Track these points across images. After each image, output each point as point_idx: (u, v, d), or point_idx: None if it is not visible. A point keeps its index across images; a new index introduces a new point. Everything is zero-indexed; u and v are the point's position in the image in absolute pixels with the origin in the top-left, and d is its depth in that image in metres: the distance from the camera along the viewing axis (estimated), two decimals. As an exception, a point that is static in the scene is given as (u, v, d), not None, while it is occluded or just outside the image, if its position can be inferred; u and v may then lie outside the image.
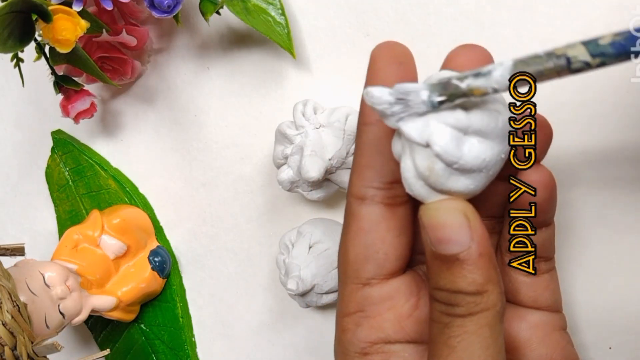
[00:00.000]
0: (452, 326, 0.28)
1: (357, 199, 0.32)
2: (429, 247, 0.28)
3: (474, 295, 0.27)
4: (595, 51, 0.24)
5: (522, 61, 0.25)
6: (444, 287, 0.28)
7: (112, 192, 0.51)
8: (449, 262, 0.27)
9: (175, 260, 0.51)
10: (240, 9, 0.43)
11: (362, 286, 0.32)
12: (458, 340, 0.27)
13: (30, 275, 0.41)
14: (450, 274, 0.27)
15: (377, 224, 0.31)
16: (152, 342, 0.51)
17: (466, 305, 0.27)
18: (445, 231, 0.27)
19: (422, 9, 0.42)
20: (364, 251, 0.32)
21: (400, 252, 0.32)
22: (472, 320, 0.27)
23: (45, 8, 0.38)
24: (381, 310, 0.32)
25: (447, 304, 0.28)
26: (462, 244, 0.27)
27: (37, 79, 0.49)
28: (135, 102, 0.51)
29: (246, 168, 0.48)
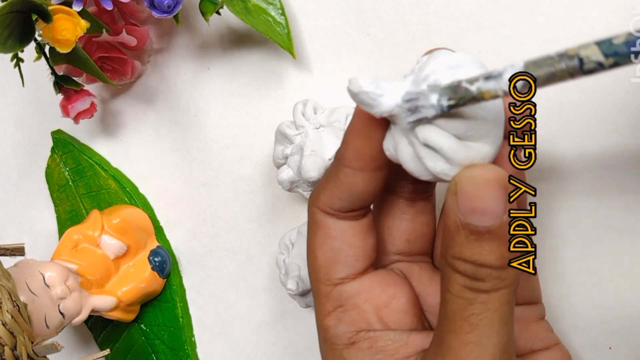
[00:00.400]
0: (475, 302, 0.27)
1: (321, 211, 0.32)
2: (453, 217, 0.27)
3: (499, 270, 0.27)
4: (609, 51, 0.23)
5: (534, 62, 0.24)
6: (470, 259, 0.27)
7: (112, 192, 0.51)
8: (478, 233, 0.26)
9: (175, 260, 0.51)
10: (240, 9, 0.43)
11: (334, 286, 0.33)
12: (480, 318, 0.27)
13: (30, 275, 0.41)
14: (478, 246, 0.27)
15: (343, 231, 0.32)
16: (152, 342, 0.51)
17: (492, 280, 0.27)
18: (481, 202, 0.26)
19: (422, 9, 0.42)
20: (333, 255, 0.32)
21: (368, 252, 0.33)
22: (495, 296, 0.27)
23: (45, 8, 0.38)
24: (358, 302, 0.32)
25: (472, 277, 0.27)
26: (496, 216, 0.26)
27: (37, 79, 0.49)
28: (135, 102, 0.51)
29: (246, 168, 0.48)
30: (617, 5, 0.38)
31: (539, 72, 0.24)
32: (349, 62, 0.45)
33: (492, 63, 0.41)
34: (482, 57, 0.41)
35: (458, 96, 0.26)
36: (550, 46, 0.40)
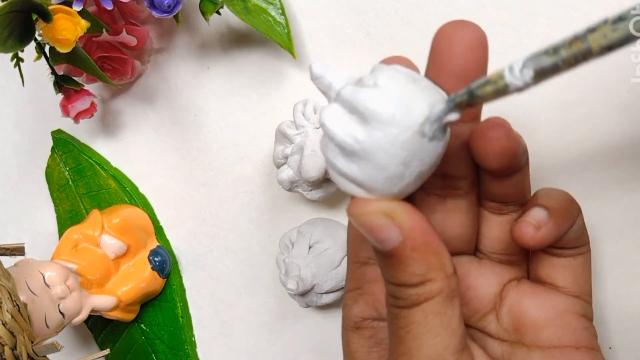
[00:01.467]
0: (399, 317, 0.28)
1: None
2: (372, 244, 0.28)
3: (415, 286, 0.27)
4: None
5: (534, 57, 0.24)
6: (389, 281, 0.28)
7: (112, 191, 0.51)
8: (387, 257, 0.27)
9: (175, 260, 0.51)
10: (241, 9, 0.43)
11: (360, 265, 0.33)
12: (406, 331, 0.28)
13: (30, 275, 0.41)
14: (391, 269, 0.28)
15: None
16: (152, 342, 0.51)
17: (409, 297, 0.28)
18: (374, 233, 0.27)
19: (422, 9, 0.42)
20: (360, 233, 0.32)
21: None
22: (418, 310, 0.28)
23: (45, 8, 0.38)
24: (375, 289, 0.33)
25: (393, 296, 0.28)
26: (392, 240, 0.27)
27: (37, 78, 0.49)
28: (135, 102, 0.51)
29: (246, 168, 0.48)
30: (617, 5, 0.38)
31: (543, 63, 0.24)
32: (349, 62, 0.45)
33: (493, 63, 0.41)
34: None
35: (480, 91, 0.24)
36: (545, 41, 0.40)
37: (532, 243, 0.31)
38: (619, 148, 0.39)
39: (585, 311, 0.34)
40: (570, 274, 0.34)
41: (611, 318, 0.41)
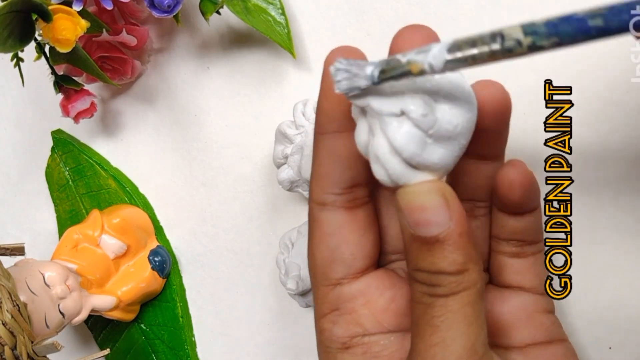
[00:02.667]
0: (435, 306, 0.28)
1: (318, 205, 0.32)
2: (407, 230, 0.28)
3: (455, 274, 0.27)
4: (530, 30, 0.23)
5: (462, 40, 0.24)
6: (425, 268, 0.28)
7: (112, 191, 0.51)
8: (428, 243, 0.27)
9: (175, 260, 0.51)
10: (241, 9, 0.43)
11: (332, 287, 0.32)
12: (441, 320, 0.27)
13: (30, 275, 0.41)
14: (430, 255, 0.27)
15: (340, 227, 0.32)
16: (152, 342, 0.51)
17: (448, 285, 0.27)
18: (424, 213, 0.27)
19: (422, 9, 0.42)
20: (330, 254, 0.32)
21: (367, 250, 0.33)
22: (455, 299, 0.27)
23: (45, 8, 0.38)
24: (355, 306, 0.32)
25: (429, 284, 0.28)
26: (441, 224, 0.27)
27: (37, 78, 0.49)
28: (135, 102, 0.51)
29: (246, 168, 0.48)
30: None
31: (465, 51, 0.24)
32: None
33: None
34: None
35: (389, 67, 0.26)
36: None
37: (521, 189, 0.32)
38: (619, 147, 0.39)
39: (550, 306, 0.35)
40: (534, 274, 0.35)
41: (611, 318, 0.41)
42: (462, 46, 0.24)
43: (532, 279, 0.35)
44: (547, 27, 0.23)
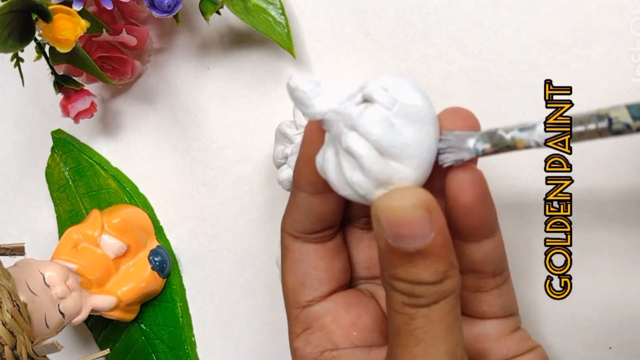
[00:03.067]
0: (417, 317, 0.27)
1: (289, 235, 0.34)
2: (383, 241, 0.27)
3: (437, 284, 0.27)
4: (637, 114, 0.25)
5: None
6: (406, 279, 0.27)
7: (112, 191, 0.51)
8: (410, 255, 0.27)
9: (175, 260, 0.51)
10: (241, 9, 0.43)
11: (302, 309, 0.34)
12: (424, 331, 0.27)
13: (30, 275, 0.41)
14: (412, 267, 0.27)
15: (309, 255, 0.34)
16: (152, 342, 0.51)
17: (431, 295, 0.27)
18: (407, 228, 0.26)
19: (422, 8, 0.42)
20: (300, 279, 0.34)
21: (335, 275, 0.35)
22: (437, 308, 0.27)
23: (45, 8, 0.38)
24: (325, 323, 0.34)
25: (410, 295, 0.27)
26: (425, 237, 0.26)
27: (37, 78, 0.49)
28: (135, 102, 0.51)
29: (246, 168, 0.48)
30: (618, 5, 0.38)
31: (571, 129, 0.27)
32: (349, 62, 0.45)
33: (493, 63, 0.41)
34: (482, 57, 0.41)
35: (493, 142, 0.28)
36: (550, 46, 0.40)
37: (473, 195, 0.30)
38: (619, 148, 0.39)
39: (518, 323, 0.35)
40: (501, 303, 0.34)
41: (611, 318, 0.41)
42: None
43: (497, 310, 0.34)
44: None
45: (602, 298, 0.41)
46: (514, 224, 0.42)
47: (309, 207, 0.33)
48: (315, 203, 0.33)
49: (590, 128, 0.26)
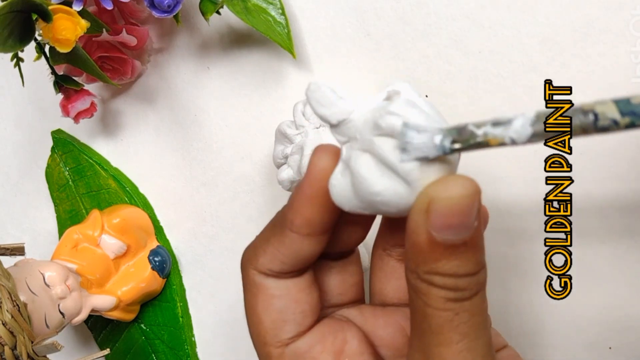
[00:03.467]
0: (462, 311, 0.27)
1: (261, 273, 0.32)
2: (424, 234, 0.26)
3: (476, 275, 0.27)
4: (626, 110, 0.23)
5: (545, 113, 0.24)
6: (449, 272, 0.26)
7: (112, 191, 0.51)
8: (454, 247, 0.26)
9: (175, 260, 0.51)
10: (241, 9, 0.43)
11: (285, 347, 0.32)
12: (469, 325, 0.27)
13: (30, 275, 0.41)
14: (455, 259, 0.26)
15: (288, 289, 0.32)
16: (152, 342, 0.51)
17: (473, 286, 0.27)
18: (457, 219, 0.25)
19: (422, 8, 0.42)
20: (280, 316, 0.32)
21: (315, 305, 0.33)
22: (477, 299, 0.27)
23: (45, 8, 0.38)
24: (315, 354, 0.32)
25: (454, 289, 0.26)
26: (470, 228, 0.26)
27: (37, 78, 0.49)
28: (135, 102, 0.51)
29: (246, 168, 0.48)
30: (617, 5, 0.38)
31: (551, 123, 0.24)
32: (349, 61, 0.45)
33: (492, 62, 0.41)
34: (482, 57, 0.41)
35: (463, 139, 0.25)
36: (550, 46, 0.40)
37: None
38: (619, 148, 0.39)
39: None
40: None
41: (611, 318, 0.41)
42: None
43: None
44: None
45: (602, 298, 0.41)
46: (514, 224, 0.42)
47: (298, 250, 0.31)
48: (307, 245, 0.31)
49: (574, 124, 0.23)
